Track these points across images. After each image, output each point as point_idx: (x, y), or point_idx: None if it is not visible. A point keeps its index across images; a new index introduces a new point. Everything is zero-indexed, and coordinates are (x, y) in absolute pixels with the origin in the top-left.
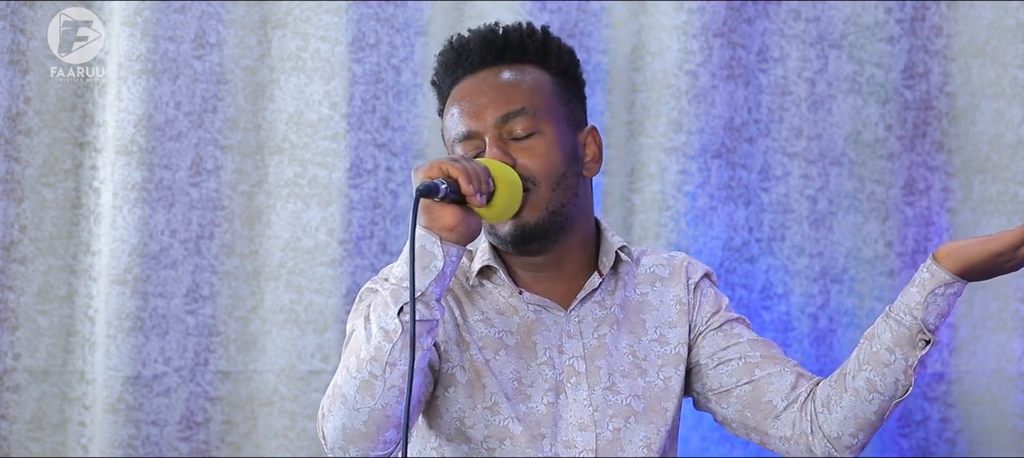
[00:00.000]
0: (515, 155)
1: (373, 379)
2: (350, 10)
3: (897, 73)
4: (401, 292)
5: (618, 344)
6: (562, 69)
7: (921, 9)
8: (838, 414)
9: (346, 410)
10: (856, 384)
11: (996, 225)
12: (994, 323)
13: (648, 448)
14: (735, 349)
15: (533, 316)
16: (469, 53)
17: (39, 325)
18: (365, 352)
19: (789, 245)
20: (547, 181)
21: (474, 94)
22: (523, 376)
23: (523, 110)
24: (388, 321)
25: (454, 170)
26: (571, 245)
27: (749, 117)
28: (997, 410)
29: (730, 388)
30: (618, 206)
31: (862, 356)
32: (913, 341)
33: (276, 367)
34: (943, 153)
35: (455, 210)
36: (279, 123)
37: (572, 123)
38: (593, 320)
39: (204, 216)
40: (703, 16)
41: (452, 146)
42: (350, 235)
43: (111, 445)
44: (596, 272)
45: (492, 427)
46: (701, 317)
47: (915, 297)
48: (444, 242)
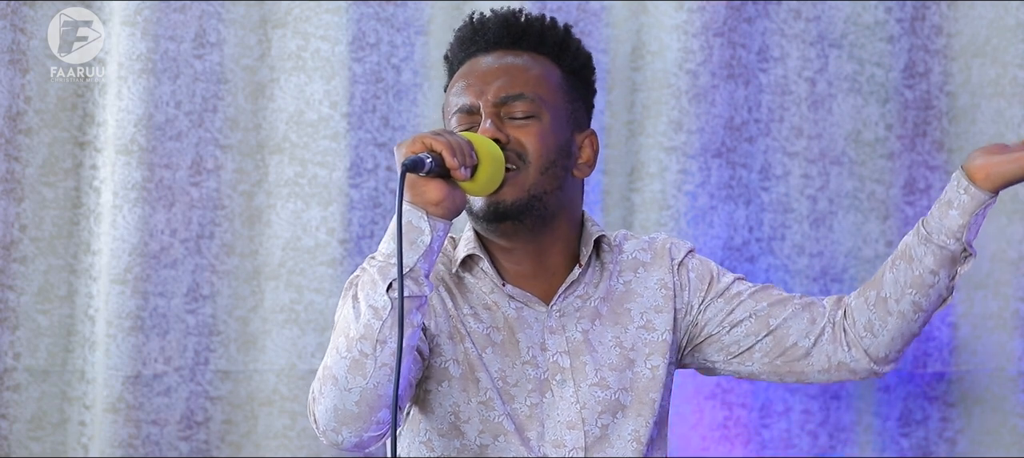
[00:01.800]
0: (509, 131)
1: (364, 358)
2: (350, 10)
3: (897, 73)
4: (389, 268)
5: (603, 338)
6: (576, 69)
7: (921, 9)
8: (885, 337)
9: (337, 391)
10: (901, 308)
11: (996, 224)
12: (994, 323)
13: (637, 441)
14: (742, 308)
15: (515, 313)
16: (486, 32)
17: (39, 325)
18: (354, 331)
19: (789, 245)
20: (537, 162)
21: (482, 71)
22: (508, 375)
23: (523, 95)
24: (377, 298)
25: (437, 143)
26: (553, 239)
27: (749, 116)
28: (997, 410)
29: (751, 346)
30: (618, 206)
31: (903, 280)
32: (957, 259)
33: (276, 367)
34: (943, 153)
35: (440, 184)
36: (279, 123)
37: (573, 121)
38: (575, 313)
39: (204, 216)
40: (703, 15)
41: (449, 119)
42: (350, 235)
43: (111, 445)
44: (577, 264)
45: (487, 423)
46: (694, 293)
47: (956, 220)
48: (430, 216)
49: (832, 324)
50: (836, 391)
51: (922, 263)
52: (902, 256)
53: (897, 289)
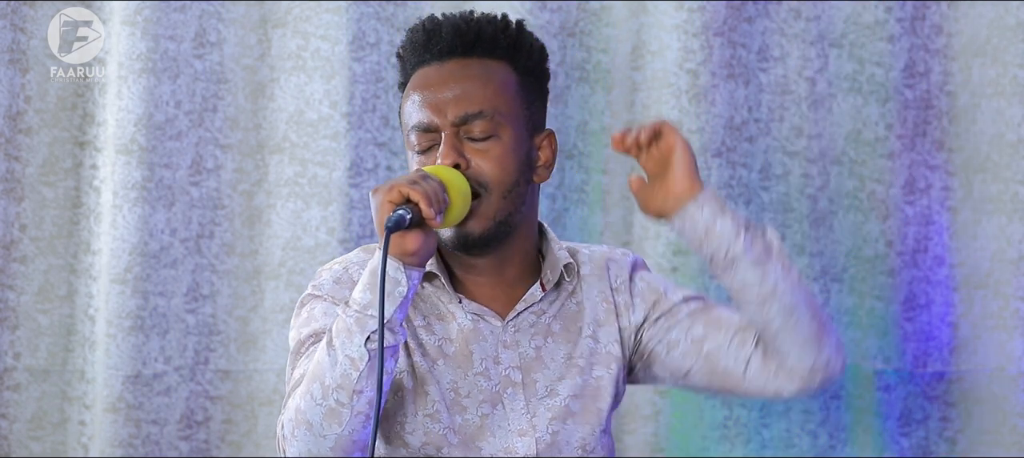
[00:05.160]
0: (469, 156)
1: (340, 407)
2: (350, 9)
3: (897, 72)
4: (366, 320)
5: (556, 355)
6: (531, 67)
7: (921, 8)
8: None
9: (311, 436)
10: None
11: (996, 224)
12: (994, 322)
13: (583, 449)
14: (678, 330)
15: (470, 325)
16: (439, 40)
17: (39, 324)
18: (330, 379)
19: (789, 244)
20: (498, 189)
21: (437, 86)
22: (459, 386)
23: (482, 113)
24: (353, 349)
25: (415, 193)
26: (513, 251)
27: (749, 116)
28: (997, 409)
29: (688, 369)
30: (618, 206)
31: (747, 308)
32: (738, 260)
33: (276, 367)
34: (943, 152)
35: (417, 235)
36: (279, 122)
37: (531, 127)
38: (530, 330)
39: (204, 215)
40: (703, 15)
41: (408, 133)
42: (350, 234)
43: (111, 444)
44: (538, 284)
45: (431, 435)
46: (638, 312)
47: (699, 247)
48: (407, 267)
49: (756, 348)
50: (836, 391)
51: (734, 287)
52: (731, 296)
53: (751, 314)
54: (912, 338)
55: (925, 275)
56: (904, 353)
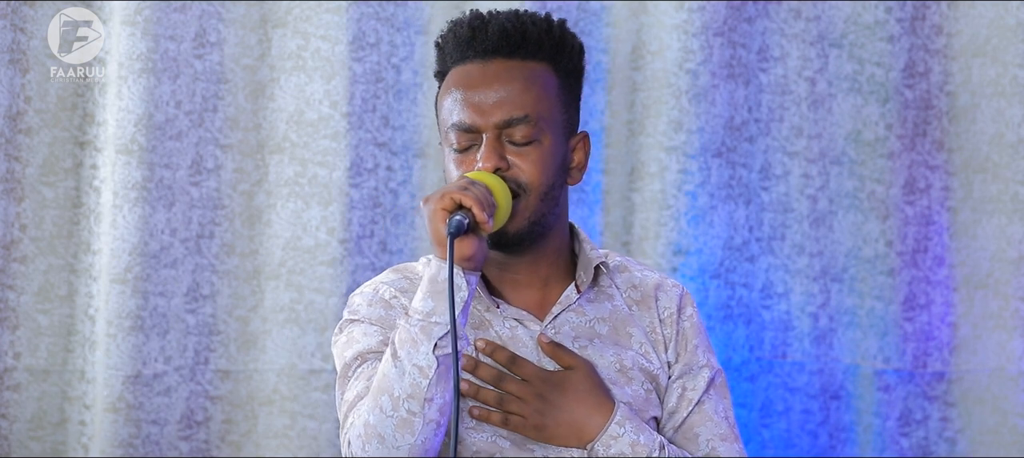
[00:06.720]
0: (510, 158)
1: (412, 417)
2: (350, 9)
3: (897, 72)
4: (431, 327)
5: (603, 354)
6: (571, 69)
7: (921, 8)
8: None
9: (384, 449)
10: None
11: (996, 224)
12: (994, 322)
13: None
14: (672, 400)
15: (508, 332)
16: (484, 38)
17: (39, 324)
18: (399, 390)
19: (789, 244)
20: (536, 192)
21: (480, 86)
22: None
23: (526, 118)
24: (421, 358)
25: (467, 199)
26: (546, 250)
27: (749, 116)
28: (997, 409)
29: (662, 427)
30: (618, 206)
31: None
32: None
33: (276, 366)
34: (943, 152)
35: (473, 240)
36: (279, 122)
37: (567, 130)
38: (571, 331)
39: (204, 215)
40: (703, 15)
41: (447, 131)
42: (350, 234)
43: (111, 444)
44: (573, 285)
45: (479, 445)
46: (671, 354)
47: None
48: (466, 272)
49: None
50: (836, 391)
51: None
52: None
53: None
54: (912, 338)
55: (925, 275)
56: (904, 353)
